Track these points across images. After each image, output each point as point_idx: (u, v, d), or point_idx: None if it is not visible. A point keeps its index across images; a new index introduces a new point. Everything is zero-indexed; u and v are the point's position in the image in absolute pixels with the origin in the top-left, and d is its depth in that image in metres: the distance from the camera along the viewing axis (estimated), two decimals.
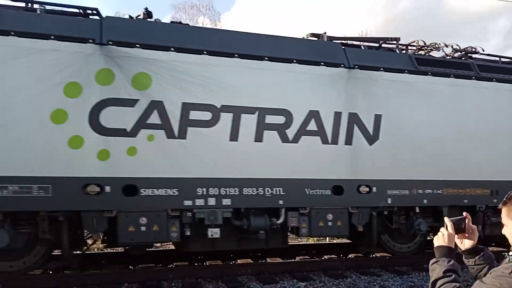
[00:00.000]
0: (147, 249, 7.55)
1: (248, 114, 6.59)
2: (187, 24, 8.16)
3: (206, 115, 6.42)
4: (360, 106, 7.18)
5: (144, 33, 6.35)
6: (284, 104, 6.78)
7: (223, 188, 6.48)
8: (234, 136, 6.54)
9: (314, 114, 6.91)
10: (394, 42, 8.33)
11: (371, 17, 35.08)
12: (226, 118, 6.50)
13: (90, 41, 5.97)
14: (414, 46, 8.64)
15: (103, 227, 6.15)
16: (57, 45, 5.79)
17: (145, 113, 6.14)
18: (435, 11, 39.34)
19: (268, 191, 6.69)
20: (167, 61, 6.25)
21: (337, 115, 7.04)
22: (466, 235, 2.14)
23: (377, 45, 8.31)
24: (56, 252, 6.90)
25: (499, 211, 2.01)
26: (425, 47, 8.58)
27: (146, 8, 6.90)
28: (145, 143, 6.13)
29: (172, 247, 8.43)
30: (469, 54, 8.69)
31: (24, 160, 5.66)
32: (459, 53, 8.68)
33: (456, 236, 2.12)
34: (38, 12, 6.15)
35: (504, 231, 1.97)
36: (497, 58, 8.85)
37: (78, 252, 7.18)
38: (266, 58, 6.75)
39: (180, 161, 6.30)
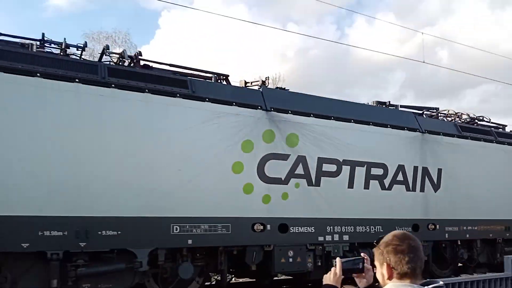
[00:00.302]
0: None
1: (360, 167, 8.40)
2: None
3: (333, 167, 8.10)
4: (429, 161, 9.35)
5: (293, 101, 7.96)
6: (382, 159, 8.70)
7: (344, 226, 8.13)
8: (351, 184, 8.28)
9: (401, 167, 8.91)
10: (435, 110, 10.77)
11: (283, 63, 38.43)
12: (345, 170, 8.23)
13: (259, 107, 7.45)
14: (443, 113, 11.14)
15: (259, 259, 7.42)
16: (238, 110, 7.19)
17: (294, 165, 7.66)
18: (342, 60, 44.07)
19: (372, 228, 8.45)
20: (309, 124, 7.89)
21: (415, 168, 9.12)
22: (363, 274, 2.21)
23: (420, 112, 10.65)
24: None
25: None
26: (451, 115, 11.13)
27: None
28: (293, 189, 7.62)
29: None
30: (477, 121, 11.40)
31: (212, 203, 6.85)
32: (471, 120, 11.35)
33: (355, 275, 2.22)
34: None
35: (377, 273, 2.06)
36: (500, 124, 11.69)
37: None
38: (371, 123, 8.68)
39: (316, 204, 7.86)
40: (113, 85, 6.22)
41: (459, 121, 10.91)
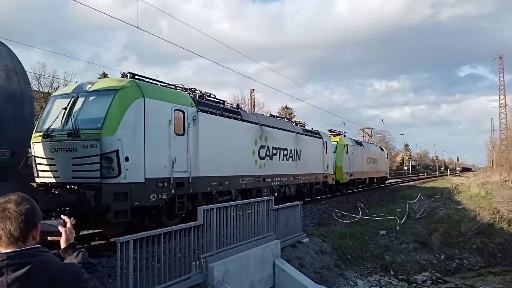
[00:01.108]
0: None
1: (281, 150, 17.60)
2: None
3: (277, 151, 17.04)
4: (297, 146, 19.37)
5: (267, 122, 16.40)
6: (287, 146, 18.15)
7: (275, 178, 17.25)
8: (281, 158, 17.40)
9: (290, 150, 18.59)
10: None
11: None
12: (279, 151, 17.26)
13: (258, 124, 15.57)
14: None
15: (254, 194, 15.69)
16: (254, 125, 15.17)
17: (266, 150, 16.17)
18: (60, 10, 40.99)
19: (285, 178, 17.86)
20: (270, 131, 16.53)
21: (294, 150, 19.01)
22: (62, 237, 2.21)
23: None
24: None
25: None
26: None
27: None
28: (267, 161, 16.20)
29: None
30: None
31: (247, 168, 14.75)
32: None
33: (53, 237, 2.22)
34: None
35: None
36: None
37: None
38: (283, 129, 17.97)
39: (271, 167, 16.68)
40: (232, 118, 13.43)
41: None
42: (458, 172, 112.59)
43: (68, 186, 8.92)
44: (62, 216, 2.28)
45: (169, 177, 10.18)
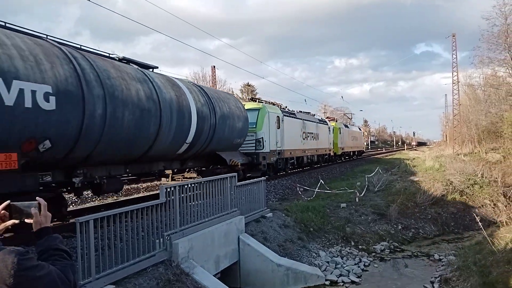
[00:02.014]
0: None
1: (313, 135, 17.89)
2: None
3: (311, 135, 17.38)
4: (316, 132, 19.58)
5: (296, 115, 17.60)
6: (315, 131, 18.27)
7: (310, 153, 17.34)
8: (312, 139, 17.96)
9: (317, 134, 18.72)
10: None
11: None
12: (312, 136, 17.69)
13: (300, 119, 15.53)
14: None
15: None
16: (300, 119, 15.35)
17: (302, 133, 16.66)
18: None
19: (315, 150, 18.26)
20: (298, 122, 16.79)
21: (315, 134, 19.15)
22: (35, 219, 2.10)
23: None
24: None
25: None
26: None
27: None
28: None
29: None
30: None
31: (298, 143, 15.68)
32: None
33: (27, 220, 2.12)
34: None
35: None
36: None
37: None
38: (314, 121, 18.14)
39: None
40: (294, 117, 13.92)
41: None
42: (414, 146, 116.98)
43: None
44: (38, 198, 2.16)
45: (275, 150, 20.08)
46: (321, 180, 19.47)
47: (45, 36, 8.73)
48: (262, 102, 20.53)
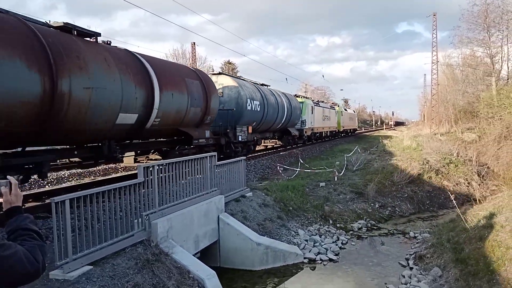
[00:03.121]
0: None
1: (328, 116, 17.53)
2: None
3: (326, 117, 17.03)
4: (328, 116, 19.41)
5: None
6: (329, 115, 18.04)
7: (326, 130, 17.24)
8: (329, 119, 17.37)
9: (331, 116, 18.54)
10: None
11: None
12: (329, 117, 17.23)
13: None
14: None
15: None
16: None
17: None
18: None
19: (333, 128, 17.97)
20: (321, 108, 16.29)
21: (335, 116, 18.97)
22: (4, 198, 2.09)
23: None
24: None
25: None
26: None
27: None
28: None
29: None
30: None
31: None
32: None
33: None
34: None
35: None
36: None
37: None
38: (330, 108, 17.77)
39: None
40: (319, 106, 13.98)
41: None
42: (392, 126, 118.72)
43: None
44: (8, 177, 2.13)
45: (310, 127, 31.68)
46: (300, 160, 19.60)
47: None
48: (306, 98, 33.14)
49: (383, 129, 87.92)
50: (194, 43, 43.83)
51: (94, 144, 10.10)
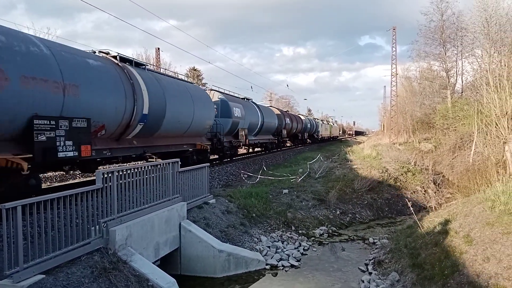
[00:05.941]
0: None
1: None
2: None
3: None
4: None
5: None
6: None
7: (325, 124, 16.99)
8: None
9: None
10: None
11: None
12: None
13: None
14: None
15: None
16: None
17: None
18: None
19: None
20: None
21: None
22: None
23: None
24: None
25: None
26: None
27: None
28: None
29: None
30: None
31: None
32: None
33: None
34: None
35: None
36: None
37: None
38: None
39: None
40: (324, 122, 12.83)
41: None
42: (352, 135, 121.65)
43: None
44: None
45: (322, 134, 63.86)
46: (264, 167, 19.66)
47: None
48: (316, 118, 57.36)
49: (345, 137, 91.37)
50: (158, 48, 43.36)
51: None
